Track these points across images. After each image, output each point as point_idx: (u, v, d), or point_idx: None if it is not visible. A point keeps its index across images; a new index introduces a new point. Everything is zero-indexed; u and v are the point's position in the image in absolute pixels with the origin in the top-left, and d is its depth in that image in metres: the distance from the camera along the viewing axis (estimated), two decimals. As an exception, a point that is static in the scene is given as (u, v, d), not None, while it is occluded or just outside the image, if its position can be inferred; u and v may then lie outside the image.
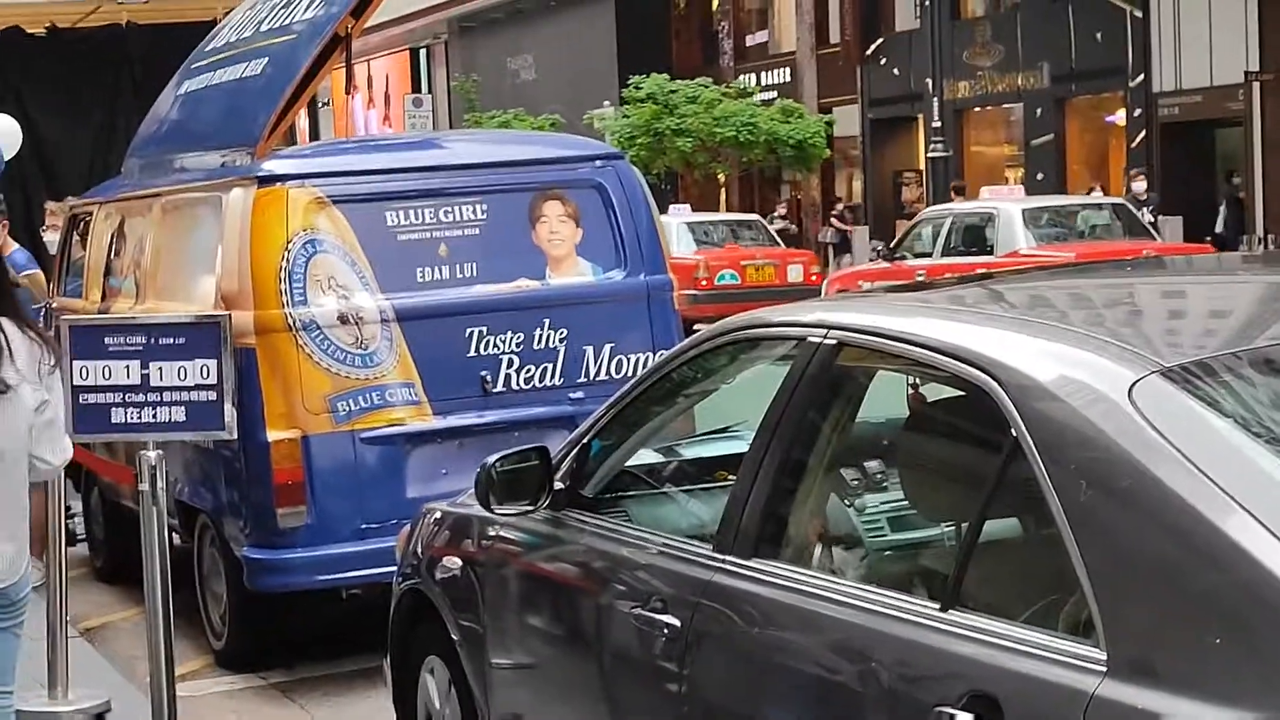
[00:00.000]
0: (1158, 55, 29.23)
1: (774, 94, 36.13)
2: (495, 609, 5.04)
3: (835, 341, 3.96)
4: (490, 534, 5.11)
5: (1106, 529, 3.09)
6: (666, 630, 4.08)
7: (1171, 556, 2.98)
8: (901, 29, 35.88)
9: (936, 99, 30.47)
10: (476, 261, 7.85)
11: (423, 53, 52.79)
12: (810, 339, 4.03)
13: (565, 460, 4.83)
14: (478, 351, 7.73)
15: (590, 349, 7.91)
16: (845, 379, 4.08)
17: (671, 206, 27.58)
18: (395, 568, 5.85)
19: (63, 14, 16.15)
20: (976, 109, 34.85)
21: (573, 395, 7.81)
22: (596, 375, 7.89)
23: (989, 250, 20.27)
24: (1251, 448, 3.09)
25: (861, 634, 3.51)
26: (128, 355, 6.06)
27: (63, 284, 10.63)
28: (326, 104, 42.50)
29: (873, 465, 4.31)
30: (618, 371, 7.89)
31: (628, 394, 4.82)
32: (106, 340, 6.09)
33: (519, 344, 7.78)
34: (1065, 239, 20.86)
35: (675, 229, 24.00)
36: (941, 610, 3.35)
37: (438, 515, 5.57)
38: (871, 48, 36.70)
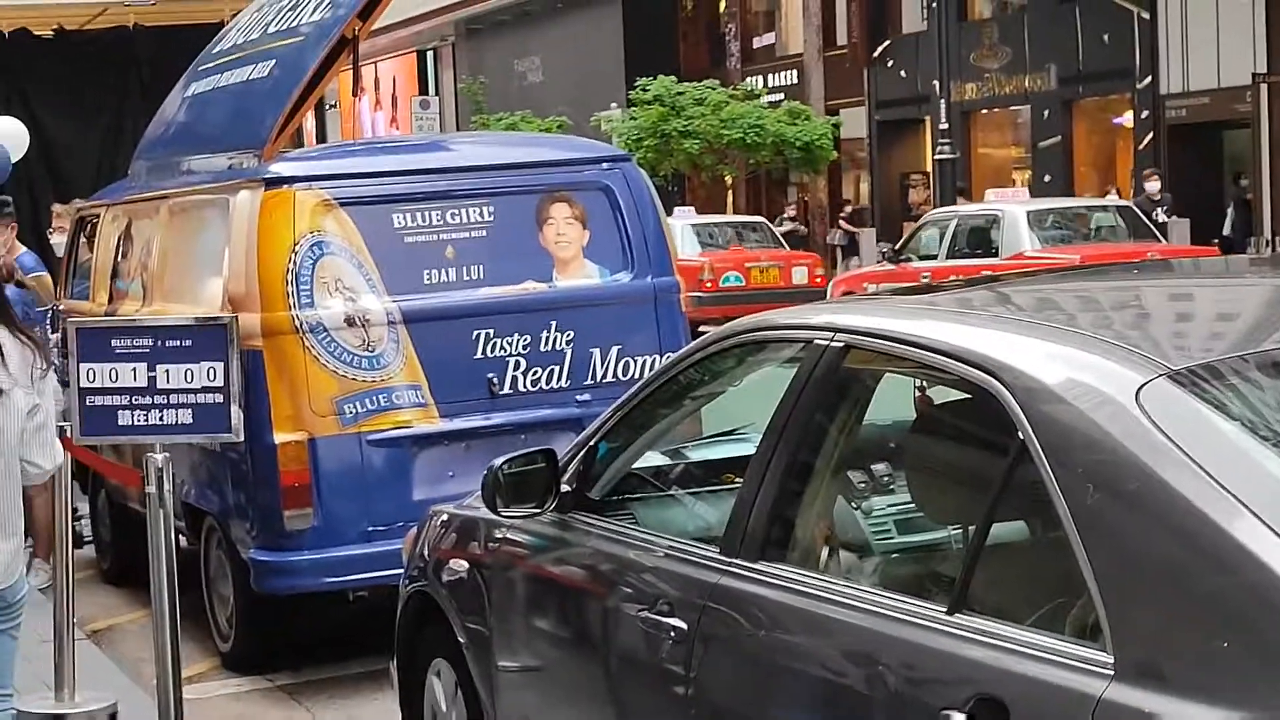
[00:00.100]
0: (1165, 57, 29.19)
1: (781, 96, 36.08)
2: (502, 611, 5.04)
3: (842, 344, 3.95)
4: (497, 536, 5.11)
5: (1113, 532, 3.08)
6: (673, 633, 4.08)
7: (1178, 560, 2.98)
8: (908, 31, 35.83)
9: (943, 101, 30.39)
10: (483, 264, 7.85)
11: (430, 55, 52.77)
12: (817, 341, 4.02)
13: (572, 463, 4.83)
14: (484, 354, 7.73)
15: (597, 351, 7.91)
16: (852, 382, 4.07)
17: (676, 209, 27.55)
18: (402, 570, 5.85)
19: (70, 16, 16.15)
20: (984, 111, 34.81)
21: (579, 397, 7.81)
22: (603, 377, 7.89)
23: (994, 253, 20.26)
24: (1259, 451, 3.09)
25: (868, 637, 3.51)
26: (134, 357, 6.05)
27: (70, 286, 10.64)
28: (333, 106, 42.56)
29: (879, 468, 4.31)
30: (625, 374, 7.88)
31: (635, 396, 4.82)
32: (113, 342, 6.09)
33: (526, 346, 7.78)
34: (1070, 241, 20.85)
35: (680, 231, 24.00)
36: (948, 613, 3.35)
37: (444, 518, 5.57)
38: (878, 50, 36.66)
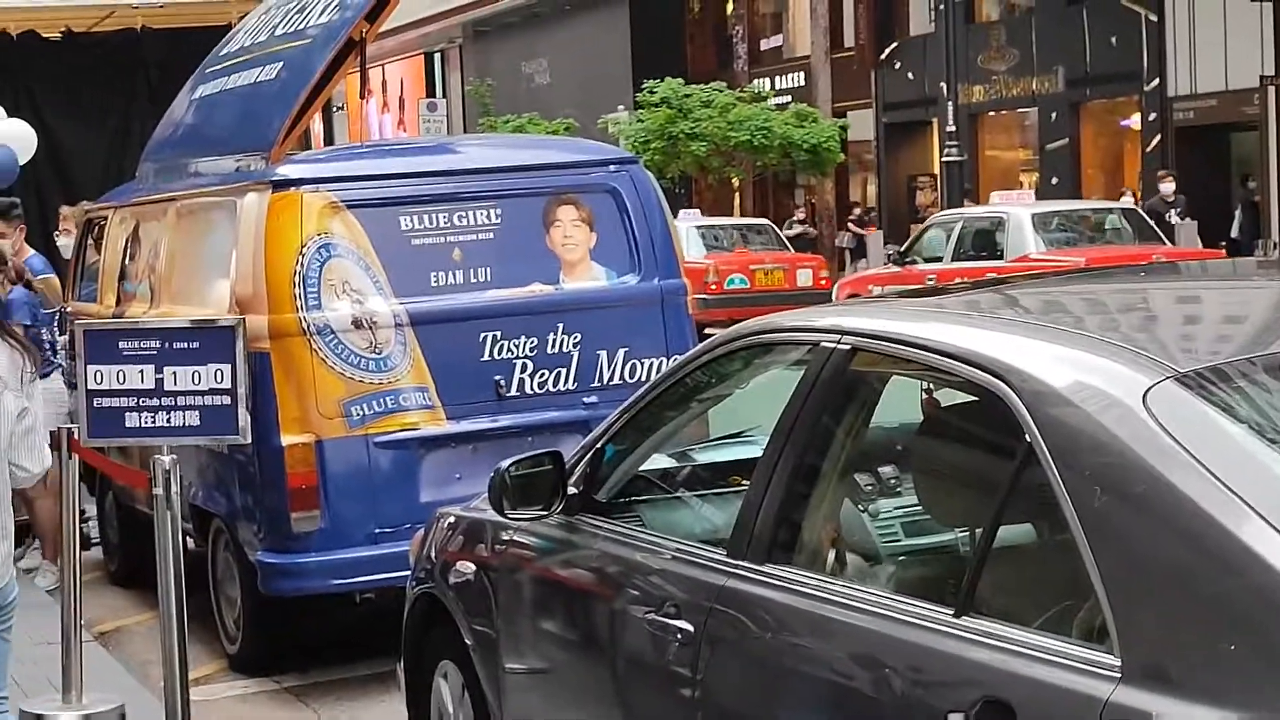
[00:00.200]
0: (1173, 59, 29.18)
1: (788, 98, 36.07)
2: (508, 614, 5.04)
3: (849, 347, 3.95)
4: (504, 539, 5.11)
5: (1120, 535, 3.08)
6: (680, 635, 4.08)
7: (1186, 562, 2.98)
8: (916, 33, 35.84)
9: (951, 103, 30.41)
10: (490, 266, 7.85)
11: (437, 57, 52.80)
12: (824, 344, 4.02)
13: (579, 465, 4.83)
14: (491, 356, 7.73)
15: (604, 353, 7.90)
16: (859, 384, 4.07)
17: (682, 211, 27.57)
18: (409, 572, 5.85)
19: (78, 18, 16.15)
20: (991, 113, 34.81)
21: (586, 400, 7.81)
22: (610, 380, 7.88)
23: (999, 255, 20.27)
24: (1266, 453, 3.09)
25: (875, 640, 3.50)
26: (142, 360, 6.06)
27: (78, 288, 10.65)
28: (341, 108, 42.61)
29: (886, 471, 4.31)
30: (631, 376, 7.88)
31: (641, 398, 4.82)
32: (121, 345, 6.10)
33: (533, 348, 7.78)
34: (1075, 243, 20.85)
35: (685, 233, 23.99)
36: (955, 616, 3.35)
37: (451, 520, 5.57)
38: (886, 52, 36.67)
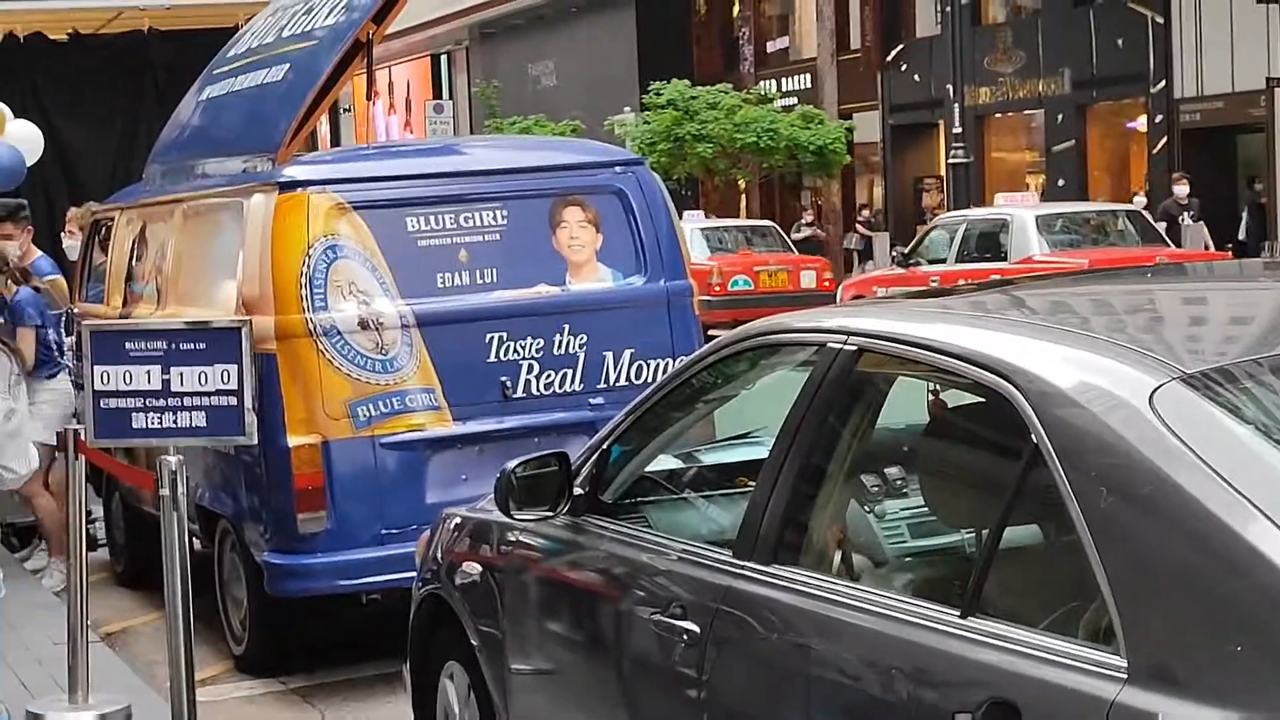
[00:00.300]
0: (1179, 61, 29.15)
1: (794, 100, 36.07)
2: (515, 614, 5.04)
3: (856, 347, 3.95)
4: (510, 539, 5.11)
5: (1127, 535, 3.08)
6: (686, 636, 4.08)
7: (1192, 563, 2.98)
8: (922, 35, 35.80)
9: (957, 105, 30.36)
10: (497, 267, 7.85)
11: (444, 59, 52.80)
12: (831, 345, 4.02)
13: (585, 466, 4.83)
14: (498, 357, 7.73)
15: (610, 354, 7.91)
16: (865, 385, 4.07)
17: (686, 213, 27.57)
18: (415, 573, 5.85)
19: (85, 20, 16.17)
20: (997, 115, 34.77)
21: (593, 401, 7.81)
22: (616, 381, 7.88)
23: (1003, 256, 20.27)
24: (1272, 454, 3.08)
25: (881, 641, 3.50)
26: (149, 360, 6.07)
27: (84, 289, 10.67)
28: (348, 110, 42.55)
29: (893, 471, 4.31)
30: (638, 377, 7.88)
31: (648, 399, 4.82)
32: (127, 345, 6.10)
33: (539, 349, 7.78)
34: (1079, 245, 20.85)
35: (690, 235, 24.01)
36: (961, 617, 3.35)
37: (457, 520, 5.57)
38: (892, 54, 36.63)
